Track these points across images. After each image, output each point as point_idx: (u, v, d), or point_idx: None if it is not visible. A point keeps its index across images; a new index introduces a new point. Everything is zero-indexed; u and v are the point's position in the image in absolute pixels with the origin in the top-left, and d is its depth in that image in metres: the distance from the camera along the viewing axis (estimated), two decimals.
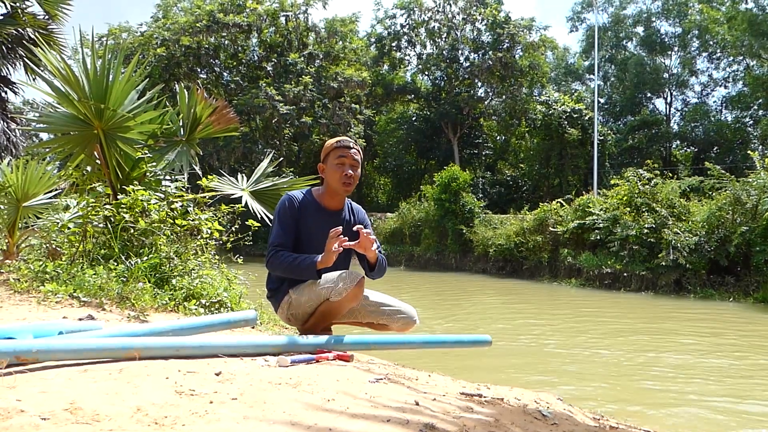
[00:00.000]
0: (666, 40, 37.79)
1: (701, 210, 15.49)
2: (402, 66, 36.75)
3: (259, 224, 4.74)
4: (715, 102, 38.75)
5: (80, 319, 2.71)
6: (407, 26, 34.72)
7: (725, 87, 37.77)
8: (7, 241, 5.96)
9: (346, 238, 2.68)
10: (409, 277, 19.38)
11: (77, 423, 1.31)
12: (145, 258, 3.85)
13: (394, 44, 34.88)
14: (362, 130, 31.51)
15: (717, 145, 34.17)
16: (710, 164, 15.90)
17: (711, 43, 35.46)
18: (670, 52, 38.28)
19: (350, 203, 3.06)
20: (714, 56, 36.95)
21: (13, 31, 9.55)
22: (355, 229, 2.79)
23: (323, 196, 2.94)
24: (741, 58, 34.05)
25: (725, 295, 13.64)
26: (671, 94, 39.00)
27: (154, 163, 4.89)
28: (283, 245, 2.79)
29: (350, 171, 2.86)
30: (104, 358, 1.91)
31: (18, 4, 9.34)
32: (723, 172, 15.17)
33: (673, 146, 37.69)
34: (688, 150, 37.23)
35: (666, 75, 38.14)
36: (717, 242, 14.19)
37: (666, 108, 39.19)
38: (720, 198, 14.87)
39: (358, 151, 2.94)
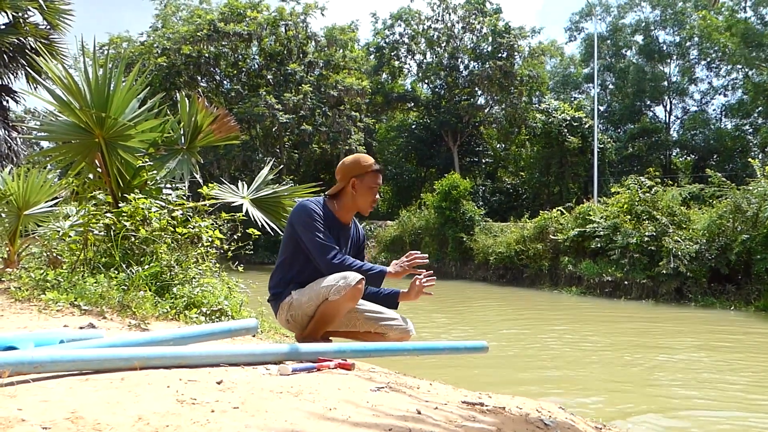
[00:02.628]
0: (665, 48, 37.93)
1: (702, 218, 15.47)
2: (401, 74, 36.87)
3: (259, 233, 4.74)
4: (714, 110, 38.85)
5: (81, 328, 2.70)
6: (406, 36, 34.87)
7: (725, 95, 37.87)
8: (8, 249, 5.96)
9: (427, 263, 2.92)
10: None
11: None
12: (146, 266, 3.85)
13: (393, 53, 35.01)
14: (362, 137, 31.56)
15: (717, 153, 34.21)
16: (711, 171, 15.91)
17: (710, 51, 35.57)
18: (669, 61, 38.41)
19: (354, 219, 3.09)
20: (713, 65, 37.06)
21: (15, 41, 9.60)
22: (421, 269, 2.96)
23: (340, 210, 2.92)
24: (740, 66, 34.15)
25: (726, 303, 13.61)
26: (671, 102, 39.09)
27: (155, 172, 4.90)
28: (336, 248, 2.79)
29: (377, 198, 2.94)
30: (105, 369, 1.90)
31: (20, 14, 9.40)
32: (724, 179, 15.17)
33: (673, 154, 37.73)
34: (688, 158, 37.25)
35: (665, 83, 38.24)
36: (718, 250, 14.17)
37: (666, 116, 39.28)
38: (720, 206, 14.86)
39: None
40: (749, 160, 18.44)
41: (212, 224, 4.61)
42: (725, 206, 14.61)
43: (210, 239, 4.46)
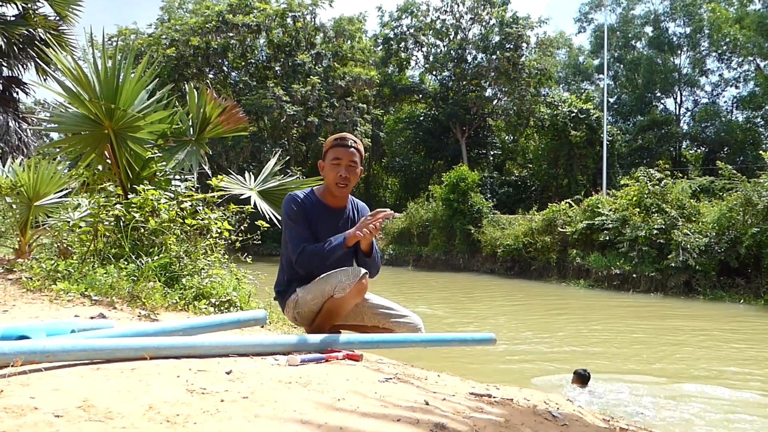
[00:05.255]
0: (675, 40, 37.55)
1: (711, 211, 15.38)
2: (409, 66, 36.74)
3: (268, 224, 4.75)
4: (725, 102, 38.46)
5: (92, 318, 2.73)
6: (413, 28, 34.72)
7: (736, 87, 37.46)
8: (19, 240, 6.01)
9: (393, 214, 2.75)
10: (417, 277, 19.38)
11: (90, 420, 1.31)
12: (156, 257, 3.87)
13: (400, 45, 34.88)
14: (370, 129, 31.49)
15: (727, 145, 33.90)
16: (722, 164, 15.78)
17: (721, 43, 35.16)
18: (679, 52, 38.02)
19: (354, 200, 3.04)
20: (724, 56, 36.65)
21: (25, 32, 9.63)
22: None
23: (325, 195, 2.91)
24: (751, 58, 33.75)
25: (735, 297, 13.54)
26: (681, 93, 38.73)
27: (164, 163, 4.92)
28: (306, 240, 2.76)
29: (344, 172, 2.82)
30: (116, 359, 1.92)
31: (30, 5, 9.43)
32: (734, 172, 15.05)
33: (684, 146, 37.42)
34: (699, 150, 36.95)
35: (676, 75, 37.87)
36: (727, 243, 14.08)
37: (676, 108, 38.93)
38: (731, 199, 14.75)
39: (357, 149, 2.87)
40: (760, 152, 18.22)
41: (221, 215, 4.62)
42: (735, 199, 14.50)
43: (219, 230, 4.47)
